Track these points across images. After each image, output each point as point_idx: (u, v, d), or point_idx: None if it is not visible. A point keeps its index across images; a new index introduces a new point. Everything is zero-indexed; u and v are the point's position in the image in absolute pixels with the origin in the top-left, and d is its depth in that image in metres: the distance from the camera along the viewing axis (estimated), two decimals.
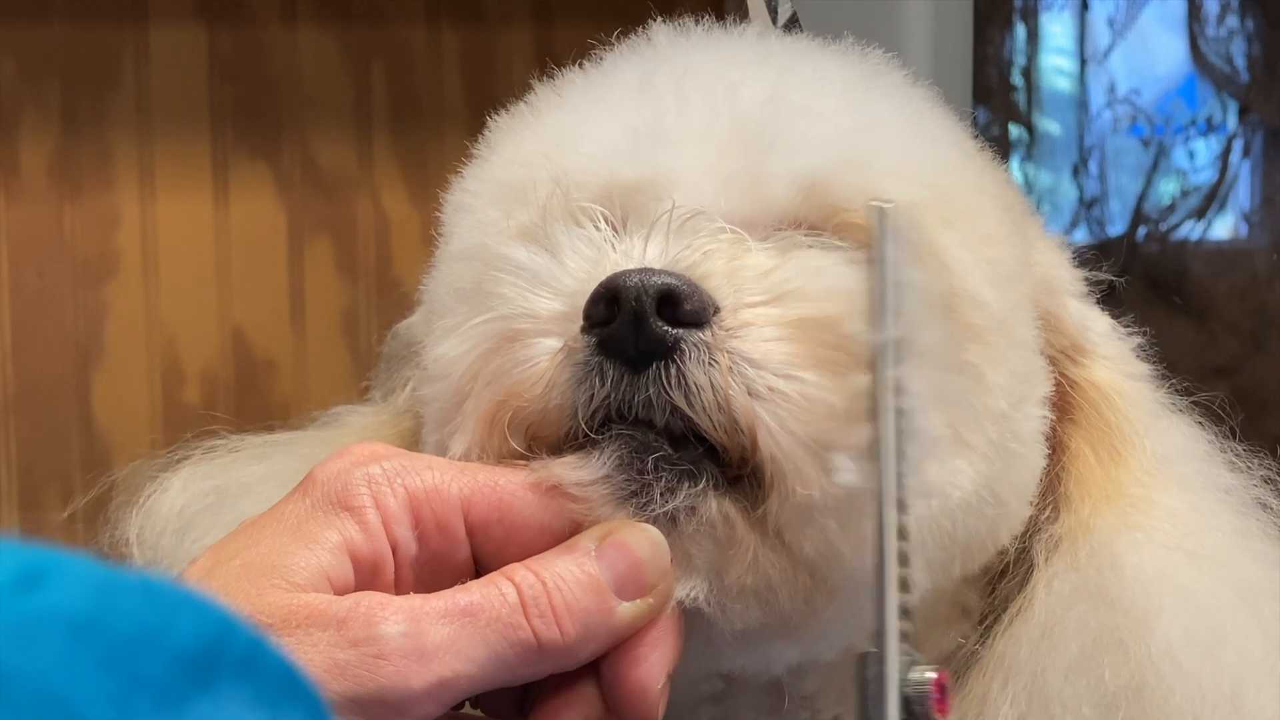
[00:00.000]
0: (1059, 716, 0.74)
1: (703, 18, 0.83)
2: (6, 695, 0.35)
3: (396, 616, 0.60)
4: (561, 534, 0.66)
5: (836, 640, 0.75)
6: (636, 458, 0.68)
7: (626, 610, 0.65)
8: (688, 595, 0.67)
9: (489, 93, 1.93)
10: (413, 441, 0.84)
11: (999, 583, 0.80)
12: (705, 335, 0.68)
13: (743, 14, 0.93)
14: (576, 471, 0.68)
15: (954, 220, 0.75)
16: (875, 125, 0.77)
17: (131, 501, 0.87)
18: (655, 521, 0.67)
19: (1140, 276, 1.80)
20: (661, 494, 0.67)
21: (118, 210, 1.85)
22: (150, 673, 0.37)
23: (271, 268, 1.91)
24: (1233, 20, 1.78)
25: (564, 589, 0.63)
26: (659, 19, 0.83)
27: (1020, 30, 1.89)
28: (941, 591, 0.78)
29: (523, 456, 0.69)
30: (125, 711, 0.36)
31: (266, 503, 0.83)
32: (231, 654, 0.39)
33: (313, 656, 0.59)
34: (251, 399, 1.90)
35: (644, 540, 0.66)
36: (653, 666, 0.65)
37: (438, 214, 0.82)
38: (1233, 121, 1.80)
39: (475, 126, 0.83)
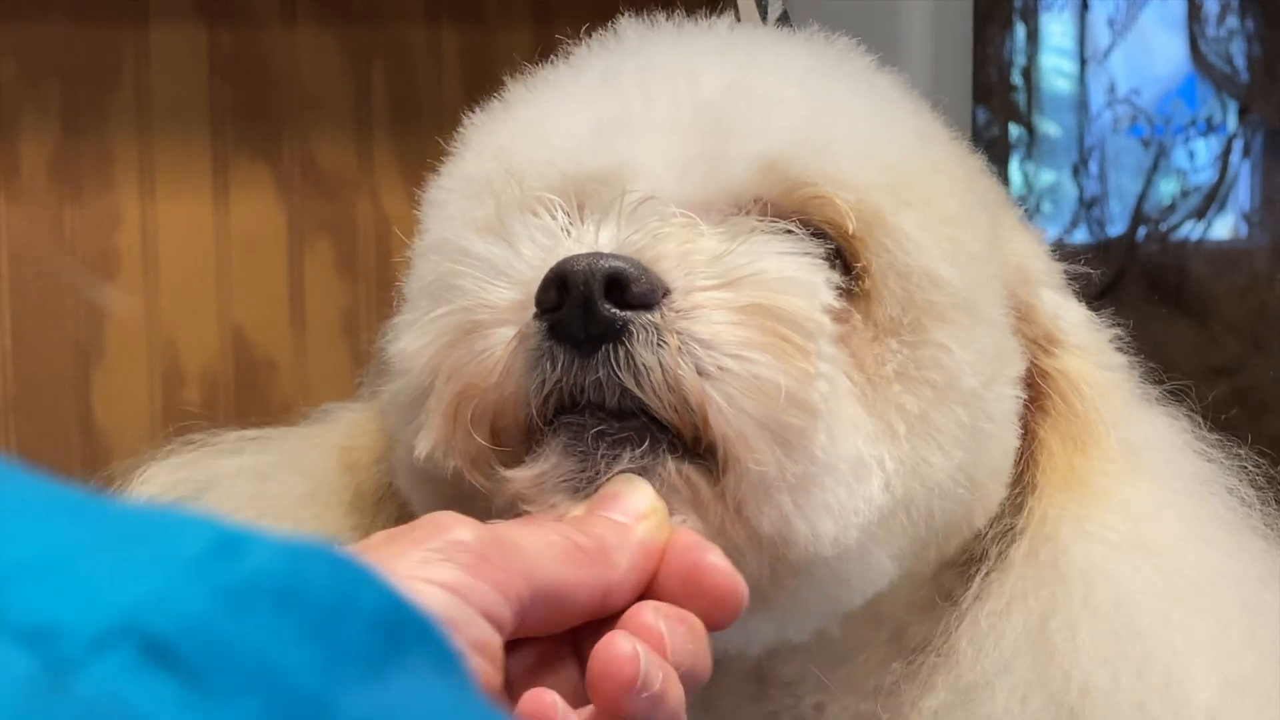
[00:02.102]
0: (981, 705, 0.75)
1: (697, 15, 0.84)
2: (226, 664, 0.34)
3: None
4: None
5: (806, 621, 0.75)
6: (577, 440, 0.69)
7: (640, 527, 0.65)
8: None
9: (489, 93, 1.93)
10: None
11: (978, 567, 0.80)
12: (654, 317, 0.69)
13: (728, 11, 0.94)
14: (527, 471, 0.69)
15: (912, 201, 0.76)
16: (835, 110, 0.77)
17: (114, 495, 0.88)
18: None
19: (1140, 276, 1.79)
20: (604, 459, 0.68)
21: (118, 210, 1.85)
22: (352, 640, 0.37)
23: (271, 268, 1.91)
24: (1233, 20, 1.78)
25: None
26: (655, 18, 0.84)
27: (1020, 30, 1.89)
28: (919, 577, 0.78)
29: (486, 453, 0.70)
30: (334, 680, 0.36)
31: (239, 496, 0.84)
32: (411, 622, 0.39)
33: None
34: (251, 399, 1.90)
35: (614, 485, 0.68)
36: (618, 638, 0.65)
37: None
38: (1233, 121, 1.80)
39: None
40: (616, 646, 0.60)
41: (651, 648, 0.61)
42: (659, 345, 0.68)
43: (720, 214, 0.73)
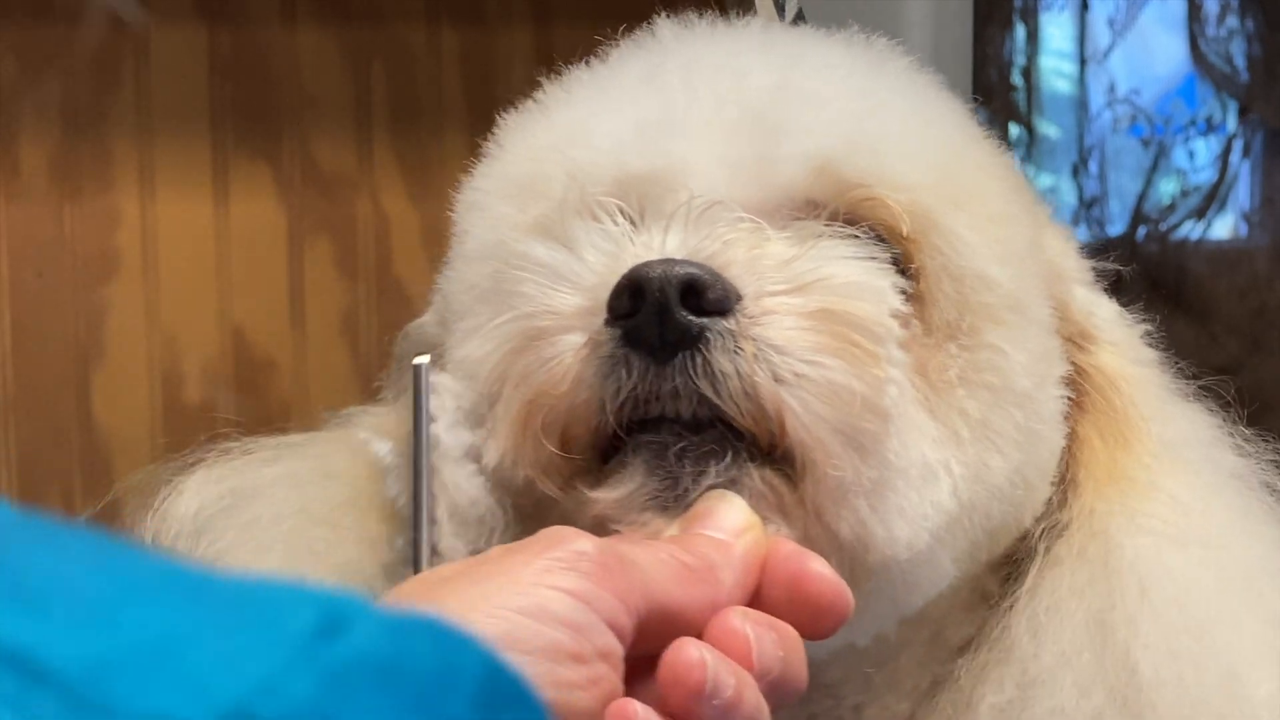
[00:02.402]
0: (1043, 699, 0.75)
1: (705, 14, 0.84)
2: None
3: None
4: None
5: (872, 625, 0.76)
6: (660, 458, 0.69)
7: (740, 543, 0.65)
8: None
9: (489, 93, 1.93)
10: None
11: (1023, 566, 0.80)
12: (729, 323, 0.68)
13: (747, 11, 0.94)
14: (611, 493, 0.69)
15: (961, 201, 0.75)
16: (882, 109, 0.77)
17: (145, 506, 0.87)
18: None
19: (1140, 276, 1.80)
20: (691, 477, 0.68)
21: (118, 210, 1.84)
22: (456, 714, 0.37)
23: (271, 268, 1.91)
24: (1233, 20, 1.78)
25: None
26: (661, 17, 0.83)
27: (1020, 30, 1.89)
28: (966, 577, 0.78)
29: (558, 462, 0.70)
30: None
31: (280, 504, 0.83)
32: (508, 690, 0.39)
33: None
34: (251, 399, 1.89)
35: (706, 502, 0.68)
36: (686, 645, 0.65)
37: (438, 214, 0.83)
38: (1233, 121, 1.80)
39: (475, 126, 0.84)
40: (684, 653, 0.60)
41: (736, 653, 0.61)
42: (735, 352, 0.68)
43: (777, 216, 0.73)
